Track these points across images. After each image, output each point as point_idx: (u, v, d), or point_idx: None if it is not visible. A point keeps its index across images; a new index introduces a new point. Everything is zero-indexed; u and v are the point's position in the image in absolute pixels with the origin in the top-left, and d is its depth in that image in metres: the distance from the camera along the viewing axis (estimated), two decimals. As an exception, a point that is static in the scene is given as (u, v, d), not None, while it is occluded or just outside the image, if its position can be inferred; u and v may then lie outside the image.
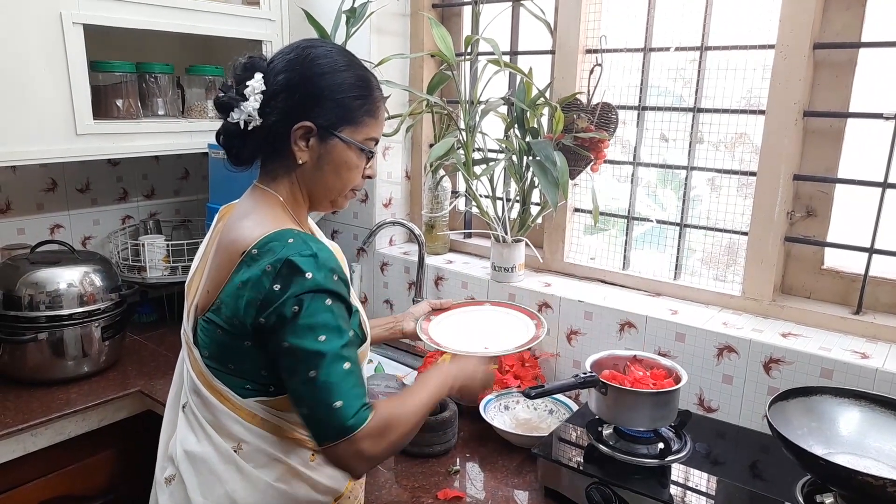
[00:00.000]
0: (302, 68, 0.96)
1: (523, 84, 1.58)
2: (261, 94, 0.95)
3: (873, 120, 1.29)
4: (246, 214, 0.98)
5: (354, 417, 0.88)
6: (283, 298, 0.88)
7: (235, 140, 0.99)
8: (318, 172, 1.00)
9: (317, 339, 0.88)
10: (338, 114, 0.97)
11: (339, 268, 0.93)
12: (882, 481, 0.89)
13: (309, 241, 0.92)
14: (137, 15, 1.62)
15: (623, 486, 1.10)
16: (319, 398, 0.88)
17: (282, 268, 0.88)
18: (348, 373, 0.89)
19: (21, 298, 1.49)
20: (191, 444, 0.98)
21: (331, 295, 0.90)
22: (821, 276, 1.42)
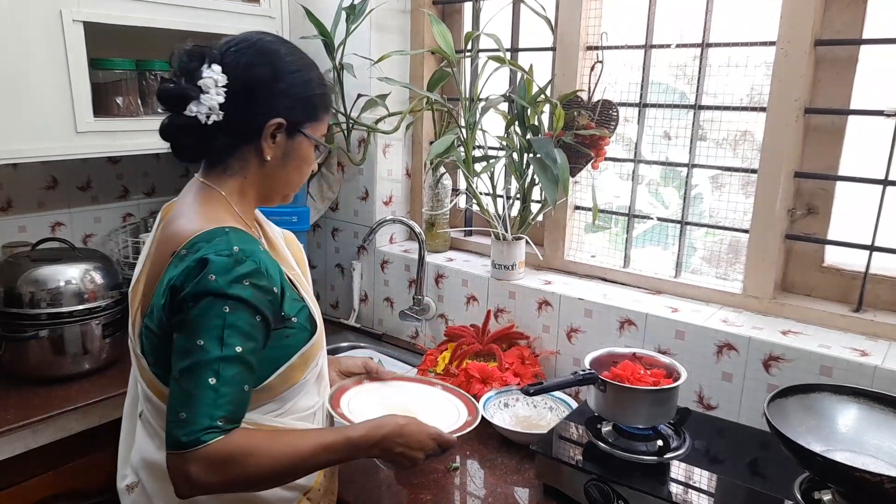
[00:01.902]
0: (271, 64, 0.94)
1: (524, 81, 1.58)
2: (224, 88, 0.91)
3: (874, 117, 1.29)
4: (182, 213, 0.95)
5: (192, 435, 0.81)
6: (183, 294, 0.86)
7: (190, 135, 0.94)
8: (281, 168, 0.99)
9: (196, 342, 0.84)
10: (305, 111, 0.98)
11: (258, 272, 0.88)
12: (879, 478, 0.89)
13: (235, 242, 0.88)
14: (138, 13, 1.62)
15: (622, 483, 1.10)
16: (173, 403, 0.84)
17: (195, 266, 0.86)
18: (210, 388, 0.82)
19: (22, 296, 1.50)
20: (150, 451, 0.96)
21: (232, 301, 0.85)
22: (821, 273, 1.42)
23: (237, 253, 0.87)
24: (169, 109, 0.95)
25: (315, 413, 1.05)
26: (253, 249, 0.89)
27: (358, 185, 1.99)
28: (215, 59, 0.92)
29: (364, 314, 2.06)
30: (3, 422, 1.37)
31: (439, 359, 1.62)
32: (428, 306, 1.86)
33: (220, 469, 0.83)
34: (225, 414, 0.84)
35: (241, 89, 0.92)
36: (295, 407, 1.00)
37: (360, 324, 2.05)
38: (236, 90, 0.92)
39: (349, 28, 1.75)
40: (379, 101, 1.79)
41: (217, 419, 0.83)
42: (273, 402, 0.97)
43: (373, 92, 1.84)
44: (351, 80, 1.82)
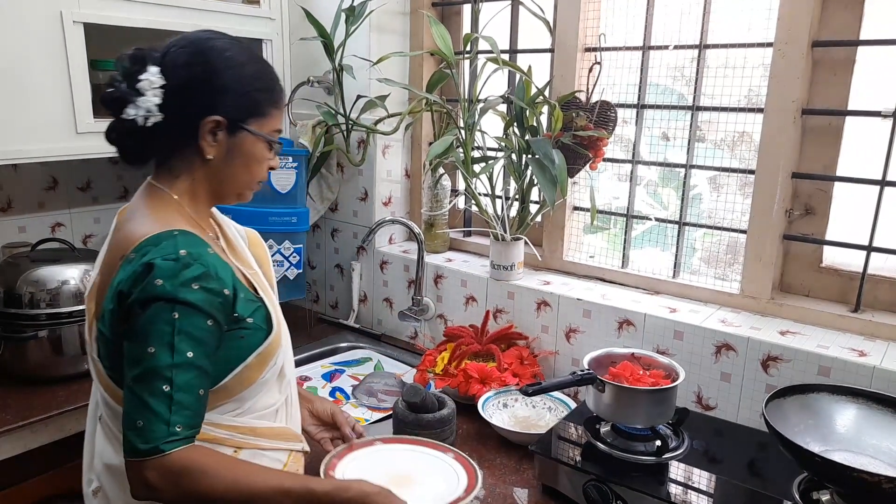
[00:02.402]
0: (206, 61, 0.93)
1: (522, 82, 1.58)
2: (160, 89, 0.90)
3: (872, 118, 1.29)
4: (132, 216, 0.95)
5: (151, 443, 0.82)
6: (131, 298, 0.85)
7: (132, 138, 0.94)
8: (226, 167, 0.97)
9: (146, 349, 0.83)
10: (246, 107, 0.96)
11: (207, 275, 0.87)
12: (877, 478, 0.90)
13: (182, 245, 0.87)
14: (138, 14, 1.63)
15: (620, 484, 1.11)
16: (127, 411, 0.84)
17: (141, 270, 0.85)
18: (164, 395, 0.82)
19: (22, 296, 1.50)
20: (109, 455, 0.96)
21: (181, 306, 0.84)
22: (819, 274, 1.43)
23: (184, 256, 0.86)
24: (111, 114, 0.94)
25: (277, 411, 1.03)
26: (200, 252, 0.88)
27: (357, 186, 1.99)
28: (155, 62, 0.92)
29: (363, 314, 2.06)
30: (2, 422, 1.38)
31: (438, 359, 1.62)
32: (427, 307, 1.86)
33: (174, 480, 0.83)
34: (182, 421, 0.84)
35: (177, 89, 0.91)
36: (255, 406, 0.99)
37: (360, 324, 2.05)
38: (173, 90, 0.91)
39: (349, 29, 1.76)
40: (378, 102, 1.80)
41: (175, 426, 0.83)
42: (231, 402, 0.96)
43: (372, 93, 1.84)
44: (350, 81, 1.82)
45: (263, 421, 1.00)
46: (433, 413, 1.34)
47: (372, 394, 1.63)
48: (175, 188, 0.97)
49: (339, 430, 1.22)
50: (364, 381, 1.69)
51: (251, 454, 0.97)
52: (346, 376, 1.76)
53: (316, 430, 1.23)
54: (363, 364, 1.85)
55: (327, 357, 1.88)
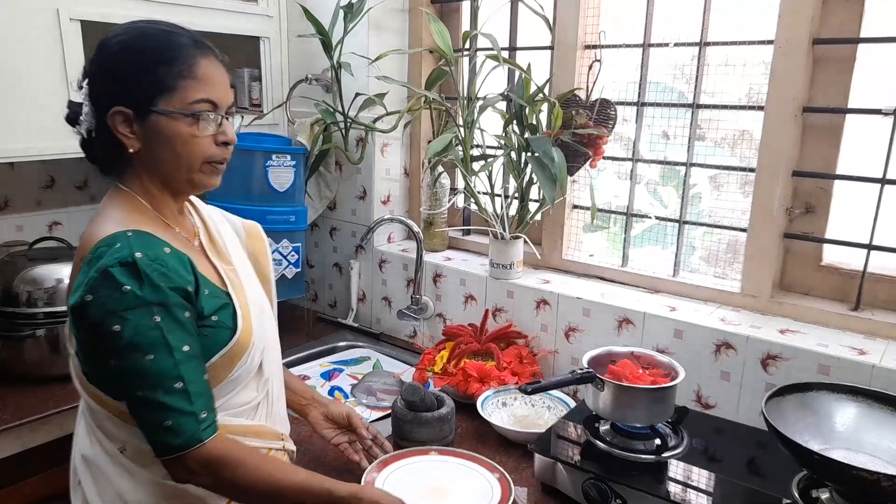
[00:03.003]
0: (98, 57, 0.92)
1: (522, 80, 1.58)
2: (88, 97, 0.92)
3: (872, 116, 1.29)
4: (96, 216, 0.94)
5: (187, 436, 0.86)
6: (101, 314, 0.83)
7: (92, 150, 0.96)
8: (153, 155, 0.93)
9: (144, 358, 0.84)
10: (145, 88, 0.90)
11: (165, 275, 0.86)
12: (876, 476, 0.89)
13: (136, 247, 0.85)
14: (135, 11, 1.62)
15: (620, 482, 1.10)
16: (149, 417, 0.86)
17: (98, 278, 0.83)
18: (180, 392, 0.85)
19: (19, 295, 1.49)
20: (85, 447, 0.97)
21: (158, 307, 0.84)
22: (819, 272, 1.42)
23: (140, 259, 0.84)
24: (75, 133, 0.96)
25: (256, 408, 1.03)
26: (156, 253, 0.87)
27: (356, 185, 1.99)
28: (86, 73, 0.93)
29: (362, 313, 2.06)
30: (0, 421, 1.37)
31: (437, 358, 1.62)
32: (426, 305, 1.86)
33: (212, 469, 0.88)
34: (204, 406, 0.88)
35: (90, 93, 0.92)
36: (228, 403, 0.98)
37: (358, 323, 2.05)
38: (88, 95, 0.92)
39: (347, 27, 1.75)
40: (377, 100, 1.79)
41: (200, 413, 0.87)
42: None
43: (371, 91, 1.84)
44: (349, 78, 1.82)
45: (238, 419, 1.00)
46: (432, 412, 1.34)
47: (371, 393, 1.63)
48: (132, 187, 0.95)
49: (356, 432, 1.24)
50: (363, 380, 1.69)
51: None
52: (345, 375, 1.76)
53: (332, 434, 1.24)
54: (362, 363, 1.85)
55: (326, 356, 1.88)
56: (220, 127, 0.95)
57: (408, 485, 1.17)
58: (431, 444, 1.32)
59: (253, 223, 1.17)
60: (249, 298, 1.00)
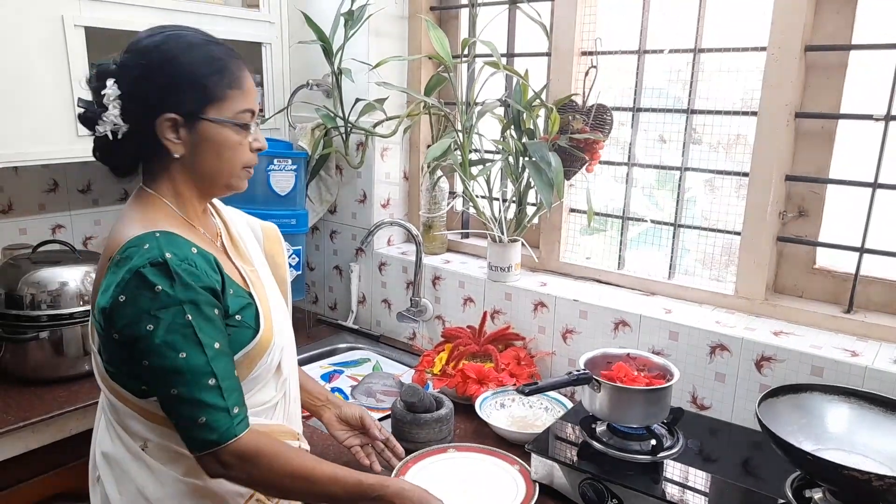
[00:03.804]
0: (147, 61, 0.92)
1: (519, 86, 1.60)
2: (118, 100, 0.91)
3: (864, 121, 1.31)
4: (121, 218, 0.96)
5: (222, 431, 0.87)
6: (135, 315, 0.85)
7: (109, 152, 0.96)
8: (199, 160, 0.96)
9: (178, 356, 0.86)
10: (197, 96, 0.93)
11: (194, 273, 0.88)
12: (867, 475, 0.91)
13: (165, 247, 0.87)
14: (138, 17, 1.64)
15: (616, 482, 1.12)
16: (184, 414, 0.87)
17: (130, 279, 0.85)
18: (213, 388, 0.87)
19: (23, 297, 1.51)
20: (106, 444, 0.98)
21: (189, 305, 0.86)
22: (812, 275, 1.44)
23: (171, 259, 0.87)
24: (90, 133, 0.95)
25: (275, 407, 1.05)
26: (185, 253, 0.89)
27: (356, 188, 2.01)
28: (112, 73, 0.92)
29: (362, 315, 2.08)
30: (3, 422, 1.39)
31: (436, 360, 1.63)
32: (425, 308, 1.87)
33: (248, 462, 0.90)
34: (236, 401, 0.90)
35: (129, 96, 0.91)
36: (249, 402, 0.98)
37: (358, 325, 2.06)
38: (127, 98, 0.91)
39: (347, 33, 1.77)
40: (377, 105, 1.81)
41: (233, 408, 0.89)
42: None
43: (371, 96, 1.86)
44: (349, 84, 1.84)
45: (258, 418, 1.01)
46: (431, 413, 1.35)
47: (371, 394, 1.64)
48: (160, 190, 0.97)
49: (368, 434, 1.26)
50: (363, 381, 1.71)
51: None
52: (345, 377, 1.78)
53: (345, 436, 1.26)
54: (362, 365, 1.86)
55: (326, 358, 1.89)
56: (254, 134, 0.99)
57: (436, 484, 1.21)
58: (430, 444, 1.34)
59: (270, 225, 1.18)
60: (270, 299, 1.03)
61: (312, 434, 1.42)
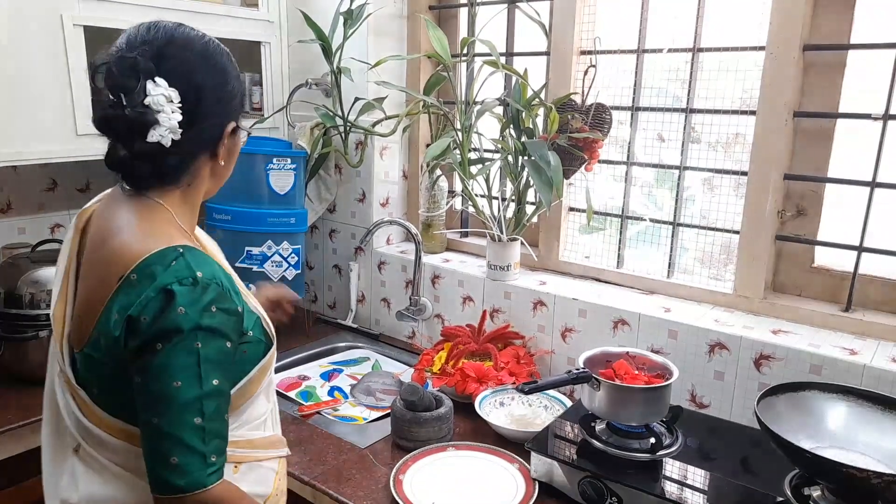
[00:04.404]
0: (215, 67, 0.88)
1: (518, 85, 1.60)
2: (179, 105, 0.83)
3: (862, 120, 1.31)
4: (120, 228, 0.85)
5: (192, 478, 0.79)
6: (150, 328, 0.78)
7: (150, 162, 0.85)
8: (226, 168, 0.95)
9: (171, 384, 0.78)
10: (240, 106, 0.95)
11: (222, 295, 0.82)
12: (866, 473, 0.91)
13: (193, 263, 0.81)
14: (137, 16, 1.61)
15: (615, 481, 1.12)
16: (157, 448, 0.79)
17: (157, 295, 0.78)
18: (196, 428, 0.79)
19: (22, 297, 1.51)
20: (94, 488, 0.88)
21: (203, 333, 0.80)
22: (811, 273, 1.44)
23: (202, 279, 0.80)
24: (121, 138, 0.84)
25: (265, 421, 1.00)
26: (214, 271, 0.83)
27: (355, 187, 2.01)
28: (151, 73, 0.83)
29: (361, 314, 2.08)
30: (3, 422, 1.39)
31: (436, 358, 1.63)
32: (424, 307, 1.87)
33: None
34: (215, 450, 0.82)
35: (197, 101, 0.85)
36: (249, 417, 0.95)
37: (358, 324, 2.06)
38: (191, 103, 0.85)
39: (347, 32, 1.77)
40: (376, 104, 1.81)
41: (210, 456, 0.81)
42: (230, 416, 0.89)
43: (370, 95, 1.86)
44: (348, 83, 1.84)
45: (257, 432, 0.97)
46: (430, 412, 1.35)
47: (370, 393, 1.64)
48: (168, 198, 0.89)
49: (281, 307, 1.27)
50: (362, 380, 1.71)
51: (249, 467, 0.95)
52: (345, 376, 1.78)
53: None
54: (361, 364, 1.86)
55: (325, 357, 1.90)
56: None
57: (436, 482, 1.22)
58: (430, 443, 1.34)
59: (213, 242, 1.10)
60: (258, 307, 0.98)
61: (312, 434, 1.43)
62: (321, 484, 1.24)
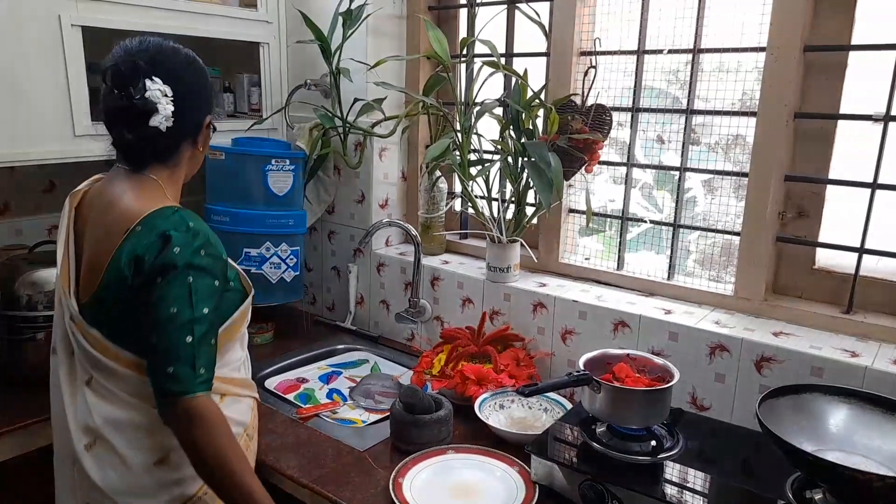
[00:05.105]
0: (196, 71, 1.11)
1: (518, 86, 1.60)
2: (171, 98, 1.04)
3: (863, 122, 1.31)
4: (121, 197, 1.06)
5: (184, 385, 0.97)
6: (152, 266, 0.98)
7: (152, 143, 1.07)
8: (201, 154, 1.17)
9: (169, 309, 0.98)
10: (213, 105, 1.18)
11: (209, 243, 1.03)
12: (868, 476, 0.91)
13: (186, 217, 1.03)
14: (135, 17, 1.64)
15: (616, 484, 1.11)
16: (157, 363, 0.99)
17: (158, 239, 0.99)
18: (188, 345, 0.98)
19: (19, 298, 1.50)
20: (109, 411, 1.06)
21: (193, 270, 1.00)
22: (812, 275, 1.44)
23: (193, 228, 1.02)
24: (127, 124, 1.05)
25: (240, 367, 1.20)
26: (203, 226, 1.04)
27: (354, 189, 2.00)
28: (148, 72, 1.03)
29: (360, 316, 2.07)
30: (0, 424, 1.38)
31: (435, 361, 1.63)
32: (424, 308, 1.87)
33: (192, 420, 0.98)
34: (204, 364, 1.00)
35: (184, 97, 1.07)
36: (227, 360, 1.15)
37: (357, 326, 2.05)
38: (180, 98, 1.06)
39: (346, 33, 1.77)
40: (375, 105, 1.81)
41: (199, 369, 0.99)
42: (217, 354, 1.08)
43: (369, 96, 1.85)
44: (347, 84, 1.83)
45: (235, 373, 1.18)
46: (430, 414, 1.35)
47: (369, 395, 1.64)
48: (159, 174, 1.10)
49: None
50: (361, 382, 1.70)
51: (232, 400, 1.16)
52: (344, 378, 1.77)
53: None
54: (360, 366, 1.86)
55: (324, 359, 1.89)
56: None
57: (435, 485, 1.22)
58: (429, 446, 1.33)
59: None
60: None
61: (311, 437, 1.42)
62: (320, 487, 1.23)
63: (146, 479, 1.06)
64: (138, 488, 1.07)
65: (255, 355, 1.38)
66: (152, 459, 1.07)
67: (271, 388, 1.69)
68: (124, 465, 1.06)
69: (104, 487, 1.06)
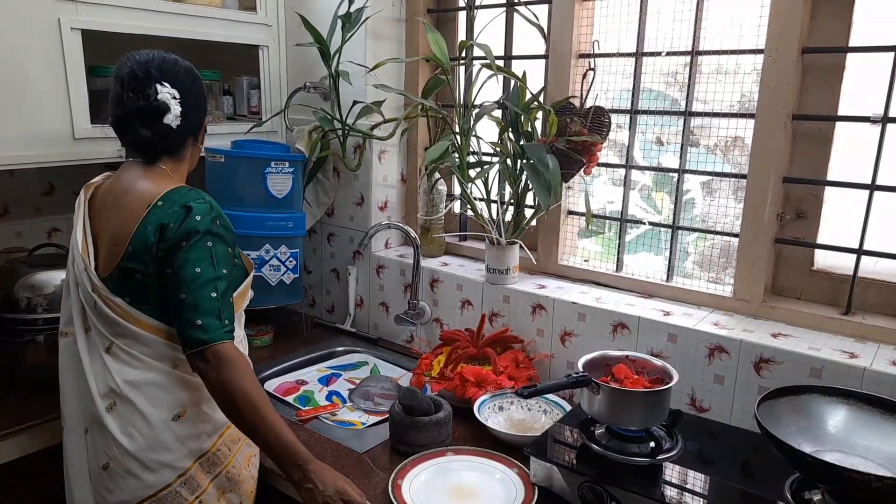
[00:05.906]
0: (195, 79, 1.26)
1: (517, 88, 1.60)
2: (178, 101, 1.20)
3: (861, 123, 1.31)
4: (137, 181, 1.20)
5: (212, 334, 1.08)
6: (176, 232, 1.11)
7: (164, 139, 1.21)
8: (199, 151, 1.32)
9: (194, 269, 1.10)
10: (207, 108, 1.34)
11: (222, 216, 1.17)
12: (867, 477, 0.91)
13: (203, 194, 1.17)
14: (135, 21, 1.64)
15: (615, 485, 1.12)
16: (185, 317, 1.09)
17: (181, 210, 1.13)
18: (214, 300, 1.10)
19: (19, 301, 1.50)
20: (130, 374, 1.15)
21: (213, 236, 1.13)
22: (811, 277, 1.44)
23: (208, 201, 1.16)
24: (145, 122, 1.19)
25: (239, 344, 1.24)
26: (214, 202, 1.18)
27: (354, 191, 2.00)
28: (158, 79, 1.18)
29: (360, 319, 2.07)
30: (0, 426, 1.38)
31: (434, 363, 1.63)
32: (423, 310, 1.87)
33: (221, 364, 1.08)
34: (228, 316, 1.13)
35: (188, 99, 1.22)
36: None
37: (356, 328, 2.06)
38: (185, 100, 1.21)
39: (345, 36, 1.77)
40: (374, 107, 1.81)
41: (224, 320, 1.11)
42: None
43: (368, 99, 1.86)
44: (346, 86, 1.84)
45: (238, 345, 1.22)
46: (429, 416, 1.35)
47: (368, 397, 1.64)
48: (170, 166, 1.24)
49: None
50: (360, 384, 1.70)
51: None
52: (343, 380, 1.77)
53: None
54: (360, 368, 1.86)
55: (324, 361, 1.89)
56: None
57: (434, 487, 1.22)
58: (429, 448, 1.33)
59: None
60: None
61: (310, 439, 1.42)
62: (319, 489, 1.23)
63: (166, 434, 1.15)
64: (158, 444, 1.15)
65: (254, 357, 1.38)
66: (170, 415, 1.16)
67: (271, 390, 1.69)
68: (145, 422, 1.15)
69: (126, 445, 1.14)
